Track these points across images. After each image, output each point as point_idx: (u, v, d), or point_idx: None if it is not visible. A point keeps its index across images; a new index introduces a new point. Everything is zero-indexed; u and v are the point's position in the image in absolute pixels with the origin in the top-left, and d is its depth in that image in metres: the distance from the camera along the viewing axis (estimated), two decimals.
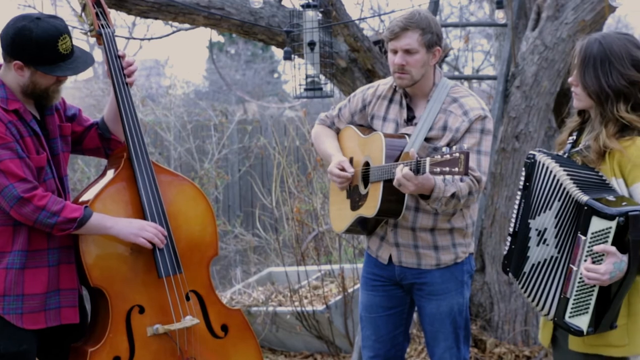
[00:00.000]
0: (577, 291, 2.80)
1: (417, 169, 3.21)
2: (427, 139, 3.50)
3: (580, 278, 2.78)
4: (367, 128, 3.72)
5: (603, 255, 2.74)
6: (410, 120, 3.60)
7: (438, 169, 3.12)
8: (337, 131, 3.85)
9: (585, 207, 2.75)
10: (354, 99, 3.79)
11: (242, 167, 9.60)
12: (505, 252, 3.10)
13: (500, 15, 5.43)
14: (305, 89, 4.87)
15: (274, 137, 7.97)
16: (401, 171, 3.26)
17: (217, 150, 9.27)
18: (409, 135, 3.53)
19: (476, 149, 3.47)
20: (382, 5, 9.46)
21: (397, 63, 3.49)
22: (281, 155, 7.20)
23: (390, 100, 3.67)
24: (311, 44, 4.73)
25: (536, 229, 2.95)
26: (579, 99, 2.98)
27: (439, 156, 3.12)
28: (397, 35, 3.46)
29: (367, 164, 3.59)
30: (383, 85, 3.72)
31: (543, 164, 2.96)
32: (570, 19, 5.39)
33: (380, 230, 3.66)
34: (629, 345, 2.88)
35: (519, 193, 3.04)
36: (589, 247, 2.76)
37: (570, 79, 3.00)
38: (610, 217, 2.71)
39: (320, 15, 4.92)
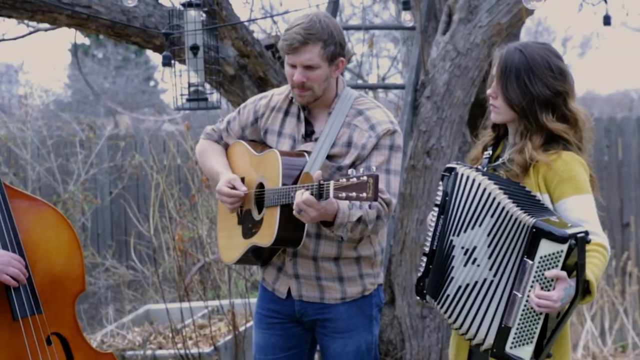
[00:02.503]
0: (521, 320, 2.89)
1: (320, 194, 3.24)
2: (329, 157, 3.54)
3: (526, 306, 2.87)
4: (260, 144, 3.74)
5: (552, 281, 2.84)
6: (309, 135, 3.64)
7: (343, 194, 3.14)
8: (226, 147, 3.85)
9: (534, 230, 2.84)
10: (244, 111, 3.80)
11: (113, 189, 9.48)
12: (419, 274, 3.15)
13: (407, 17, 5.51)
14: (188, 99, 4.85)
15: (151, 154, 7.92)
16: (302, 195, 3.28)
17: (84, 170, 9.14)
18: (308, 152, 3.56)
19: (385, 168, 3.52)
20: (275, 5, 9.53)
21: (297, 80, 3.52)
22: (160, 176, 7.16)
23: (286, 113, 3.70)
24: (194, 48, 4.71)
25: (462, 247, 3.02)
26: (499, 112, 3.08)
27: (344, 180, 3.15)
28: (296, 50, 3.49)
29: (261, 185, 3.60)
30: (277, 95, 3.74)
31: (468, 177, 3.04)
32: (484, 22, 5.54)
33: (277, 260, 3.67)
34: None
35: (436, 209, 3.11)
36: (537, 272, 2.85)
37: (488, 91, 3.11)
38: (562, 241, 2.82)
39: (204, 15, 4.92)
